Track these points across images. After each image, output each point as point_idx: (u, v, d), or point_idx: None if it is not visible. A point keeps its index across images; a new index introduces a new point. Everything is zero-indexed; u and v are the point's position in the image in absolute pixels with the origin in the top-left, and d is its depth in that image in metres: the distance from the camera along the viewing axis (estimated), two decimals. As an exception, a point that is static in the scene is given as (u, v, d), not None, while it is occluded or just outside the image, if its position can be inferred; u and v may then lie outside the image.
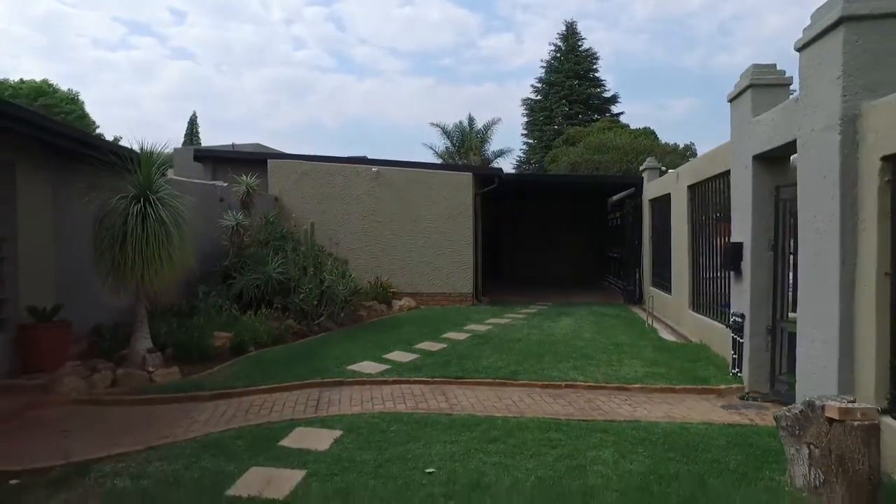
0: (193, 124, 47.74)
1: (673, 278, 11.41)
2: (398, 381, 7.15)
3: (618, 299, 15.67)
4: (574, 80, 40.92)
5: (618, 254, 17.91)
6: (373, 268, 13.88)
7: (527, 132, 43.20)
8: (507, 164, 34.72)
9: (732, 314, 7.37)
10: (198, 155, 15.81)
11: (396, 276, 13.98)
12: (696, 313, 9.88)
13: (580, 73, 41.23)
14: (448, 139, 32.13)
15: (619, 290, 17.01)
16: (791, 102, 5.74)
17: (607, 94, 42.07)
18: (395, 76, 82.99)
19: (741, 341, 7.05)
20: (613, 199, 18.27)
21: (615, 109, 41.85)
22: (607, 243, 20.03)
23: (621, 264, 17.29)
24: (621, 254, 17.16)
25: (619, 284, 17.26)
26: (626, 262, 16.23)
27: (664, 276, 12.30)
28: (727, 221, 7.91)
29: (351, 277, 11.44)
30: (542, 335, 9.92)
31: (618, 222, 18.20)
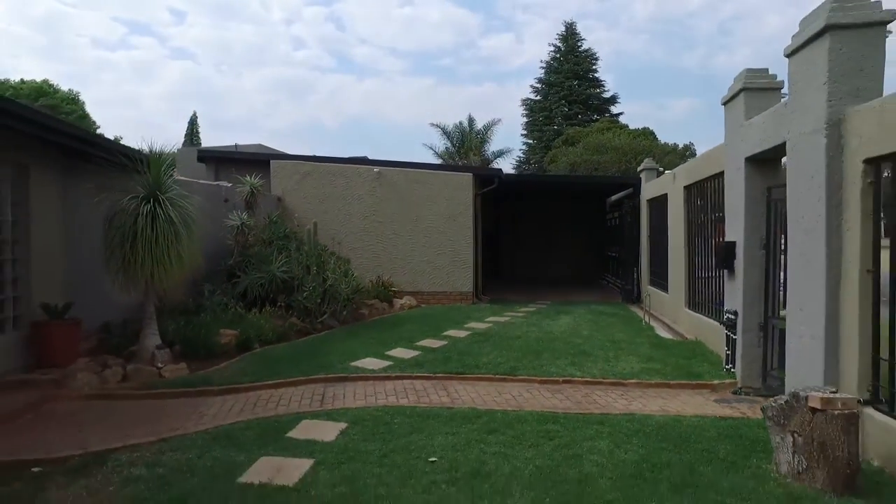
0: (193, 124, 47.83)
1: (670, 277, 11.60)
2: (400, 377, 7.34)
3: (616, 298, 15.85)
4: (573, 81, 41.13)
5: (616, 253, 18.08)
6: (374, 267, 14.08)
7: (526, 132, 43.42)
8: (507, 164, 34.96)
9: (726, 311, 7.56)
10: (201, 155, 16.02)
11: (398, 276, 14.18)
12: (692, 311, 10.06)
13: (580, 73, 41.45)
14: (448, 139, 32.33)
15: (617, 289, 17.19)
16: (781, 106, 5.94)
17: (607, 95, 42.31)
18: (395, 76, 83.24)
19: (734, 338, 7.24)
20: (612, 199, 18.44)
21: (615, 110, 42.07)
22: (606, 243, 20.20)
23: (620, 264, 17.46)
24: (620, 253, 17.33)
25: (618, 284, 17.43)
26: (625, 261, 16.41)
27: (662, 276, 12.48)
28: (722, 221, 8.10)
29: (353, 276, 11.63)
30: (541, 333, 10.11)
31: (616, 222, 18.37)
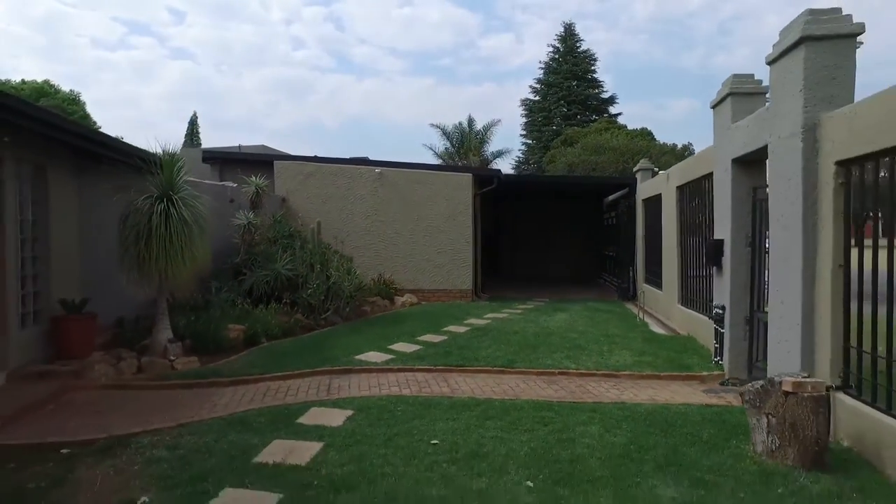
0: (194, 124, 48.07)
1: (664, 275, 11.92)
2: (403, 370, 7.66)
3: (612, 296, 16.15)
4: (572, 81, 41.50)
5: (613, 252, 18.40)
6: (376, 265, 14.40)
7: (525, 133, 43.78)
8: (506, 164, 35.30)
9: (714, 306, 7.89)
10: (206, 156, 16.34)
11: (399, 273, 14.51)
12: (685, 308, 10.39)
13: (578, 74, 41.80)
14: (448, 140, 32.67)
15: (614, 287, 17.48)
16: (763, 111, 6.27)
17: (605, 95, 42.67)
18: (395, 76, 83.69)
19: (722, 331, 7.57)
20: (609, 199, 18.74)
21: (613, 110, 42.42)
22: (603, 242, 20.51)
23: (616, 262, 17.77)
24: (616, 252, 17.65)
25: (615, 282, 17.74)
26: (621, 260, 16.73)
27: (656, 273, 12.81)
28: (712, 220, 8.42)
29: (355, 274, 11.94)
30: (538, 328, 10.44)
31: (613, 222, 18.68)
